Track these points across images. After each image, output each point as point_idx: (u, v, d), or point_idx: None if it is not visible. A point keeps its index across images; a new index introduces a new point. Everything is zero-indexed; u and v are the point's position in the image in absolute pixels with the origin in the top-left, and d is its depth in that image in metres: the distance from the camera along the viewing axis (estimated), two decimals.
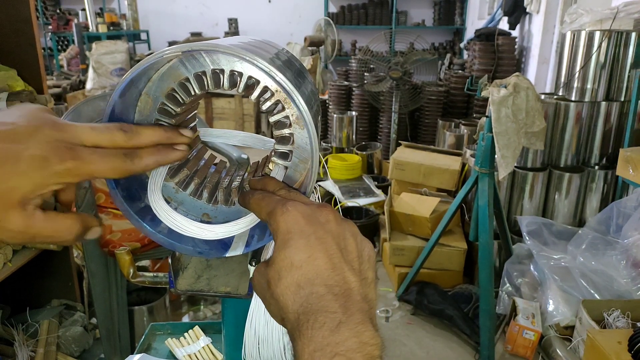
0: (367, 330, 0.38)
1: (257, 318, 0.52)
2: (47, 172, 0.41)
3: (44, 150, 0.41)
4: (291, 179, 0.53)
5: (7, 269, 1.94)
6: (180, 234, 0.52)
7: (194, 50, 0.46)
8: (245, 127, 6.59)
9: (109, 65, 6.08)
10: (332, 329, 0.37)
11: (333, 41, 6.69)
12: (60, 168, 0.41)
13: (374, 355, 0.37)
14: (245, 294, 0.57)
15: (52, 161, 0.41)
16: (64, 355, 2.20)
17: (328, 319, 0.38)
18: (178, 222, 0.51)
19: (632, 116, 2.65)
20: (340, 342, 0.37)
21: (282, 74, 0.45)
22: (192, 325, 1.42)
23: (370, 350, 0.37)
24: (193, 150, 0.60)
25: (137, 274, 0.66)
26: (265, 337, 0.52)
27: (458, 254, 2.91)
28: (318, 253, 0.41)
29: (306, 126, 0.47)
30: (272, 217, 0.44)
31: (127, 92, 0.49)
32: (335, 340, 0.37)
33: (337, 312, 0.38)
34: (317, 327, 0.38)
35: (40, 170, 0.41)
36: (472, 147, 3.41)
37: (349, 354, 0.36)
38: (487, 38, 5.08)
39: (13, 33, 2.13)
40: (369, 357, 0.37)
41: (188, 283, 0.60)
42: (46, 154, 0.41)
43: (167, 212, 0.51)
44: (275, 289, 0.41)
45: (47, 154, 0.41)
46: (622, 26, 2.92)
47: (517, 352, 2.41)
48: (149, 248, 1.94)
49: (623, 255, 2.40)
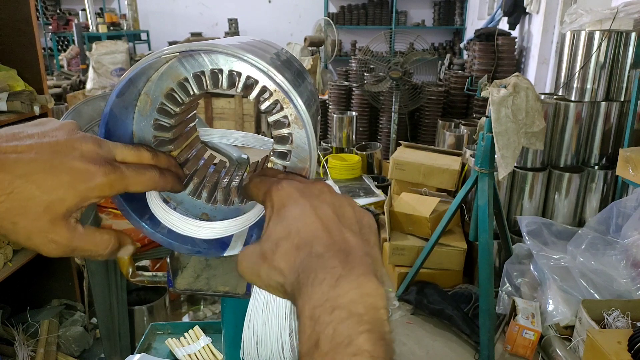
0: (369, 281, 0.37)
1: (255, 318, 0.52)
2: (90, 185, 0.42)
3: (87, 164, 0.42)
4: None
5: (7, 269, 1.94)
6: (179, 234, 0.52)
7: (192, 50, 0.46)
8: (245, 127, 6.60)
9: (109, 65, 6.09)
10: (331, 284, 0.36)
11: (333, 41, 6.68)
12: (102, 181, 0.42)
13: (378, 306, 0.36)
14: (244, 294, 0.57)
15: (96, 174, 0.42)
16: (64, 355, 2.20)
17: (328, 274, 0.37)
18: (175, 221, 0.51)
19: (631, 116, 2.65)
20: (341, 295, 0.35)
21: (280, 74, 0.45)
22: (192, 325, 1.42)
23: (374, 301, 0.36)
24: (193, 150, 0.60)
25: (136, 273, 0.66)
26: (263, 337, 0.52)
27: (458, 253, 2.91)
28: (314, 219, 0.41)
29: (304, 126, 0.47)
30: (267, 195, 0.45)
31: (125, 92, 0.49)
32: (335, 295, 0.35)
33: (336, 267, 0.37)
34: (316, 284, 0.36)
35: (84, 182, 0.41)
36: (472, 147, 3.41)
37: (350, 306, 0.35)
38: (487, 38, 5.09)
39: (13, 33, 2.14)
40: (372, 307, 0.35)
41: (187, 282, 0.60)
42: (90, 167, 0.42)
43: (164, 211, 0.52)
44: (273, 257, 0.40)
45: (91, 167, 0.42)
46: (622, 26, 2.92)
47: (516, 352, 2.41)
48: (148, 248, 1.94)
49: (623, 255, 2.40)
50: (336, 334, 0.34)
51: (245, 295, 0.57)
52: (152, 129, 0.53)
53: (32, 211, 0.40)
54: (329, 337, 0.34)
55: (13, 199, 0.39)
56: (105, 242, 0.45)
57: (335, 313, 0.35)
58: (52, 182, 0.40)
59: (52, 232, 0.41)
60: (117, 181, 0.43)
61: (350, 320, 0.34)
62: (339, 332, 0.34)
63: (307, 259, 0.38)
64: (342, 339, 0.33)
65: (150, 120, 0.53)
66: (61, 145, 0.41)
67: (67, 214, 0.42)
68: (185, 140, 0.58)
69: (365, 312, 0.35)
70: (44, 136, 0.42)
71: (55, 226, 0.41)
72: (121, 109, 0.50)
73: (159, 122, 0.52)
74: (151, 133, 0.53)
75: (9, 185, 0.39)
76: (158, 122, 0.53)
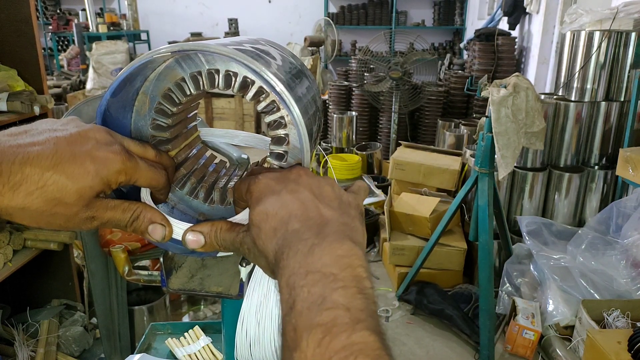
0: (343, 244, 0.37)
1: (248, 319, 0.52)
2: (112, 170, 0.43)
3: (106, 151, 0.43)
4: None
5: (7, 269, 1.94)
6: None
7: (184, 50, 0.46)
8: (245, 127, 6.60)
9: (109, 65, 6.09)
10: (304, 253, 0.37)
11: (333, 41, 6.68)
12: (121, 167, 0.43)
13: (354, 265, 0.36)
14: (237, 294, 0.57)
15: (116, 160, 0.43)
16: (64, 355, 2.20)
17: (301, 245, 0.37)
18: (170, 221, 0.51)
19: (631, 116, 2.65)
20: (314, 261, 0.36)
21: (273, 75, 0.45)
22: (192, 325, 1.42)
23: (348, 261, 0.36)
24: (192, 149, 0.60)
25: (132, 272, 0.66)
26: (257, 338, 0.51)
27: (458, 253, 2.91)
28: (291, 200, 0.42)
29: (297, 128, 0.47)
30: (247, 191, 0.45)
31: (121, 92, 0.49)
32: (308, 262, 0.36)
33: (309, 238, 0.38)
34: (291, 256, 0.37)
35: (107, 168, 0.42)
36: (472, 147, 3.41)
37: (323, 269, 0.35)
38: (487, 38, 5.09)
39: (13, 33, 2.14)
40: (347, 267, 0.36)
41: (181, 282, 0.60)
42: (109, 155, 0.43)
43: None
44: (257, 241, 0.42)
45: (110, 154, 0.43)
46: (622, 26, 2.92)
47: (516, 352, 2.41)
48: (148, 248, 1.94)
49: (623, 255, 2.40)
50: (310, 294, 0.34)
51: (238, 296, 0.56)
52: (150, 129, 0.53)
53: (66, 201, 0.41)
54: (303, 298, 0.34)
55: (47, 192, 0.40)
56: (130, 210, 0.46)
57: (308, 277, 0.35)
58: (79, 171, 0.41)
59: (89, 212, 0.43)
60: (132, 170, 0.44)
61: (323, 280, 0.35)
62: (312, 292, 0.34)
63: (284, 235, 0.39)
64: (316, 298, 0.34)
65: (148, 120, 0.53)
66: (75, 136, 0.42)
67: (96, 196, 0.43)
68: (184, 140, 0.58)
69: (340, 272, 0.35)
70: (56, 131, 0.42)
71: (90, 208, 0.43)
72: (119, 108, 0.50)
73: (157, 122, 0.52)
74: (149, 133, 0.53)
75: (40, 179, 0.39)
76: (156, 122, 0.53)
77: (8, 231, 2.00)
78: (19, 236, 2.03)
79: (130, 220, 0.46)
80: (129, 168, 0.44)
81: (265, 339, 0.51)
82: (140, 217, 0.46)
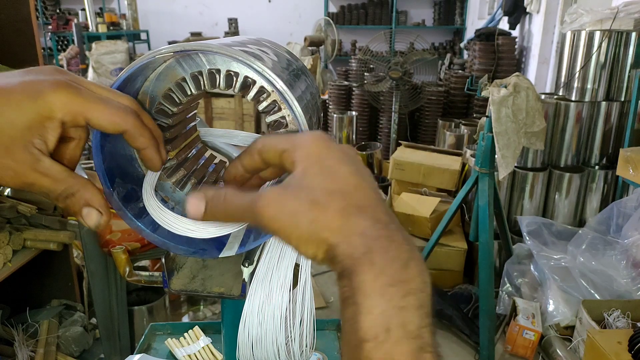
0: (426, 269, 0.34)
1: (250, 319, 0.52)
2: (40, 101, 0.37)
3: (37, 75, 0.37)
4: None
5: (7, 269, 1.94)
6: (174, 234, 0.51)
7: (186, 50, 0.46)
8: (245, 127, 6.59)
9: (109, 65, 6.09)
10: (403, 264, 0.33)
11: (333, 41, 6.68)
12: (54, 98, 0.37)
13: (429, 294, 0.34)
14: (239, 295, 0.56)
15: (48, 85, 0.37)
16: (64, 355, 2.20)
17: (400, 251, 0.33)
18: (170, 220, 0.50)
19: (632, 116, 2.64)
20: (410, 279, 0.33)
21: (276, 75, 0.45)
22: (192, 325, 1.41)
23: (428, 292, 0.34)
24: (192, 149, 0.60)
25: (132, 272, 0.66)
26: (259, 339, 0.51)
27: (458, 254, 2.91)
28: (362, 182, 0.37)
29: (299, 128, 0.47)
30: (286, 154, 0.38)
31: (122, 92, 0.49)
32: (406, 277, 0.33)
33: (403, 245, 0.34)
34: (389, 259, 0.33)
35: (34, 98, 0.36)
36: (472, 147, 3.41)
37: (419, 295, 0.33)
38: (487, 38, 5.08)
39: (13, 33, 2.13)
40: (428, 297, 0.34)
41: (182, 283, 0.59)
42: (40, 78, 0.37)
43: (159, 210, 0.51)
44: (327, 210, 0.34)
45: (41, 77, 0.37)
46: (622, 26, 2.92)
47: (517, 352, 2.41)
48: (148, 248, 1.94)
49: (623, 255, 2.39)
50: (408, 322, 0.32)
51: (241, 297, 0.56)
52: None
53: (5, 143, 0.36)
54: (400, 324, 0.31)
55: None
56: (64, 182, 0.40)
57: (408, 299, 0.32)
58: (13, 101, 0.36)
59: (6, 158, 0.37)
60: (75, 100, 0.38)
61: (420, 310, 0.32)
62: (411, 321, 0.32)
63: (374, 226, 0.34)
64: (413, 328, 0.32)
65: None
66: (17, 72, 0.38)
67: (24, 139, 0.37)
68: (184, 140, 0.58)
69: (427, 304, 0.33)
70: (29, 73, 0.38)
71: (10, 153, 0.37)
72: None
73: (157, 122, 0.52)
74: None
75: None
76: (156, 122, 0.52)
77: (7, 231, 2.00)
78: (18, 236, 2.03)
79: (62, 194, 0.40)
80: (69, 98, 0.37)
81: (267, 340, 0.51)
82: (77, 195, 0.40)
